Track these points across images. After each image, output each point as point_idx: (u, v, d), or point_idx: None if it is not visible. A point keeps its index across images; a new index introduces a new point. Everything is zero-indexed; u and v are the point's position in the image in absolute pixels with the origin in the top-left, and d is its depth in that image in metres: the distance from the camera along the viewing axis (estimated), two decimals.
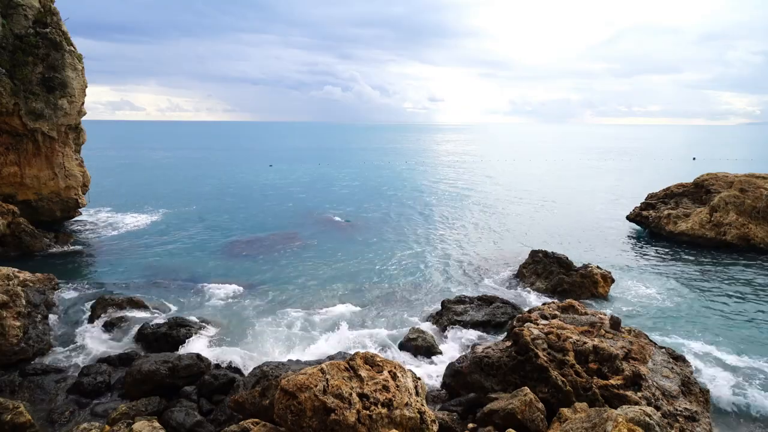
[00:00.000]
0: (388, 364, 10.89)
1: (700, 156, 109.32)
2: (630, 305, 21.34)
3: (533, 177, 70.67)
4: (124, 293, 21.80)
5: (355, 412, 9.56)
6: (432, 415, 10.60)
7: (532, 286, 23.00)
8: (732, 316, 20.26)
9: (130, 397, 13.76)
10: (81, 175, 33.98)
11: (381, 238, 33.31)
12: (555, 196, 52.11)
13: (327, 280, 24.56)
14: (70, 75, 30.79)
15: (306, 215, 40.71)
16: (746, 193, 30.47)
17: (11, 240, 27.03)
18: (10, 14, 28.70)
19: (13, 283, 17.45)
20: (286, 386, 9.87)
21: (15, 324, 16.02)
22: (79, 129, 34.58)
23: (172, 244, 31.21)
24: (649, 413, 10.07)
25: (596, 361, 13.17)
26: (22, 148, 30.33)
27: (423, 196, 51.75)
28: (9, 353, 15.55)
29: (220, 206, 44.29)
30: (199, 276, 24.82)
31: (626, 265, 27.04)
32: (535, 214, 42.13)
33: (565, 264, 23.04)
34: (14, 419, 11.89)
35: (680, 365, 14.54)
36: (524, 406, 11.51)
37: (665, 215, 33.63)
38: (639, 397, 12.06)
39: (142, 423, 11.11)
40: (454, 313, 18.89)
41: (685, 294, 22.73)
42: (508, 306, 19.44)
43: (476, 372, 13.98)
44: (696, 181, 36.27)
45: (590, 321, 15.31)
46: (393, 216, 40.89)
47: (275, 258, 28.25)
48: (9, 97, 28.21)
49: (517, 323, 15.72)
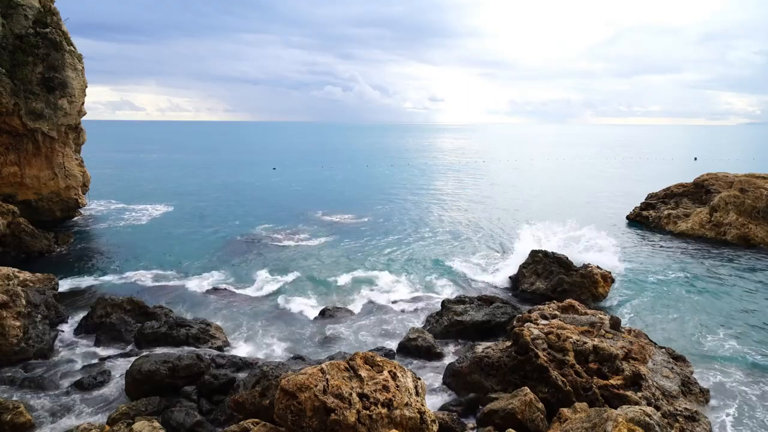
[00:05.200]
0: (388, 364, 10.89)
1: (700, 156, 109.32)
2: (630, 305, 21.34)
3: (533, 177, 70.67)
4: (124, 293, 21.80)
5: (355, 412, 9.56)
6: (432, 415, 10.59)
7: (532, 286, 22.98)
8: (732, 315, 20.25)
9: (130, 397, 13.76)
10: (81, 175, 34.00)
11: (381, 237, 33.30)
12: (555, 196, 52.10)
13: (327, 279, 24.55)
14: (70, 75, 30.79)
15: (306, 215, 40.69)
16: (746, 193, 30.47)
17: (11, 240, 27.01)
18: (10, 14, 28.71)
19: (13, 283, 17.45)
20: (286, 386, 9.87)
21: (15, 324, 16.02)
22: (79, 129, 34.60)
23: (172, 244, 31.19)
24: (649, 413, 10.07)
25: (596, 361, 13.17)
26: (22, 148, 30.34)
27: (423, 196, 51.74)
28: (9, 353, 15.55)
29: (221, 206, 44.27)
30: (198, 276, 24.79)
31: (626, 265, 27.01)
32: (535, 214, 42.10)
33: (565, 264, 23.02)
34: (14, 419, 11.90)
35: (680, 365, 14.55)
36: (524, 406, 11.51)
37: (665, 215, 33.63)
38: (639, 397, 12.07)
39: (142, 423, 11.11)
40: (454, 313, 18.88)
41: (685, 294, 22.72)
42: (508, 306, 19.43)
43: (476, 372, 13.98)
44: (696, 181, 36.29)
45: (590, 321, 15.31)
46: (393, 216, 40.87)
47: (275, 258, 28.24)
48: (9, 97, 28.21)
49: (517, 323, 15.73)
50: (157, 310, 19.43)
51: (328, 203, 46.65)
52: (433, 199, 49.88)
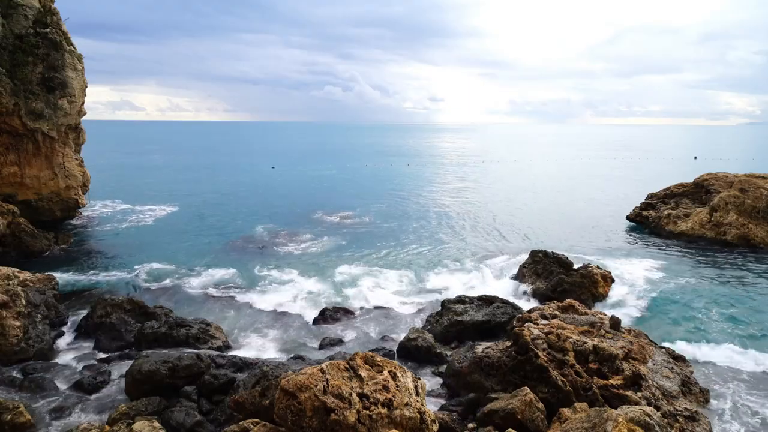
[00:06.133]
0: (388, 364, 10.89)
1: (700, 156, 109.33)
2: (630, 305, 21.33)
3: (533, 177, 70.67)
4: (124, 293, 21.82)
5: (355, 412, 9.56)
6: (432, 415, 10.60)
7: (532, 286, 22.98)
8: (732, 315, 20.24)
9: (130, 397, 13.76)
10: (81, 175, 33.99)
11: (381, 237, 33.29)
12: (555, 196, 52.12)
13: (327, 279, 24.52)
14: (70, 75, 30.79)
15: (306, 215, 40.68)
16: (746, 193, 30.46)
17: (11, 240, 27.01)
18: (10, 14, 28.69)
19: (13, 283, 17.45)
20: (286, 386, 9.87)
21: (15, 324, 16.02)
22: (79, 129, 34.59)
23: (172, 243, 31.20)
24: (649, 413, 10.07)
25: (596, 361, 13.17)
26: (22, 148, 30.33)
27: (422, 196, 51.74)
28: (9, 353, 15.55)
29: (221, 206, 44.26)
30: (199, 275, 24.78)
31: (626, 265, 27.01)
32: (535, 214, 42.13)
33: (565, 264, 23.02)
34: (14, 419, 11.90)
35: (680, 365, 14.56)
36: (524, 406, 11.51)
37: (665, 215, 33.64)
38: (639, 397, 12.07)
39: (142, 423, 11.12)
40: (454, 313, 18.87)
41: (685, 294, 22.72)
42: (508, 306, 19.43)
43: (476, 372, 13.98)
44: (696, 181, 36.28)
45: (590, 321, 15.32)
46: (393, 216, 40.87)
47: (276, 257, 28.24)
48: (9, 97, 28.20)
49: (517, 323, 15.73)
50: (157, 310, 19.43)
51: (328, 203, 46.63)
52: (433, 199, 49.88)
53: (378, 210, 43.44)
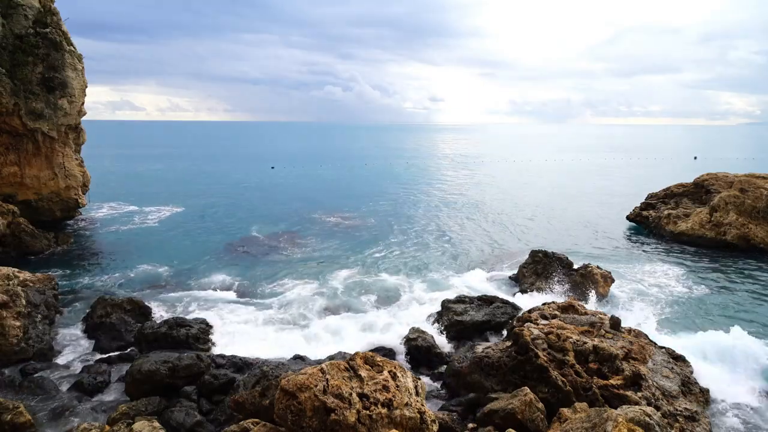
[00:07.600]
0: (388, 364, 10.89)
1: (700, 156, 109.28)
2: (630, 305, 21.31)
3: (533, 177, 70.67)
4: (124, 293, 21.81)
5: (355, 412, 9.55)
6: (432, 415, 10.59)
7: (532, 286, 22.98)
8: (732, 315, 20.25)
9: (130, 397, 13.76)
10: (81, 175, 33.98)
11: (380, 237, 33.29)
12: (555, 196, 52.10)
13: (327, 279, 24.53)
14: (70, 75, 30.78)
15: (307, 215, 40.69)
16: (746, 193, 30.45)
17: (11, 240, 27.01)
18: (10, 14, 28.69)
19: (13, 283, 17.44)
20: (286, 386, 9.86)
21: (15, 324, 16.02)
22: (79, 129, 34.58)
23: (171, 243, 31.21)
24: (649, 413, 10.07)
25: (596, 361, 13.17)
26: (22, 148, 30.32)
27: (422, 197, 51.75)
28: (9, 353, 15.55)
29: (221, 207, 44.27)
30: (199, 276, 24.80)
31: (626, 265, 27.02)
32: (535, 214, 42.12)
33: (565, 264, 23.04)
34: (14, 419, 11.89)
35: (680, 365, 14.55)
36: (524, 406, 11.50)
37: (665, 215, 33.62)
38: (639, 397, 12.07)
39: (142, 423, 11.11)
40: (454, 313, 18.87)
41: (685, 294, 22.72)
42: (508, 306, 19.43)
43: (476, 372, 13.98)
44: (696, 181, 36.26)
45: (590, 321, 15.32)
46: (393, 216, 40.87)
47: (275, 258, 28.25)
48: (9, 97, 28.20)
49: (517, 323, 15.73)
50: (157, 309, 19.44)
51: (328, 203, 46.63)
52: (433, 199, 49.88)
53: (378, 210, 43.44)
